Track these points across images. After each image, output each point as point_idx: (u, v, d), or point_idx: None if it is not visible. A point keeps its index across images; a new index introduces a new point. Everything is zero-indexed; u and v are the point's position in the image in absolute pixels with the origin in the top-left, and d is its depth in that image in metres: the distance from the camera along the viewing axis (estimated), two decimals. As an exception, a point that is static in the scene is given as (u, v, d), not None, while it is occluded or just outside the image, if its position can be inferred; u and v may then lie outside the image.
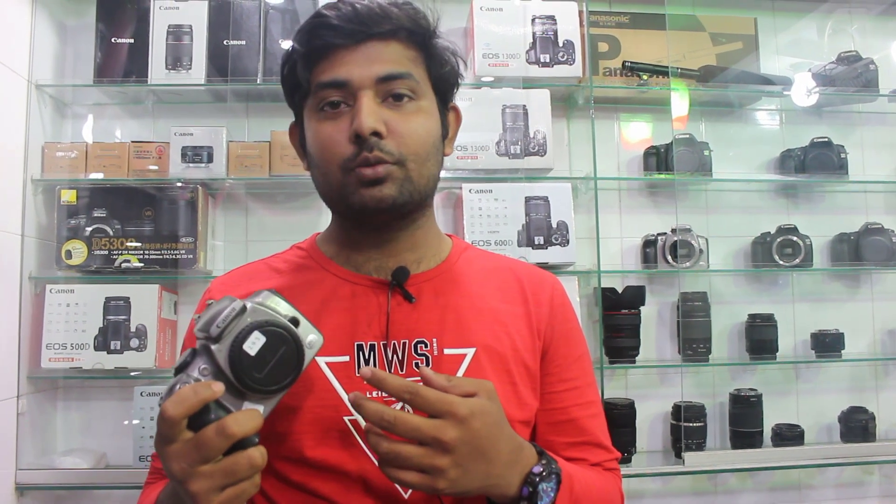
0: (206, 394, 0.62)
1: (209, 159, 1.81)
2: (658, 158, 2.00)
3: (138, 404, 1.73)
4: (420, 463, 0.65)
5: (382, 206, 0.80)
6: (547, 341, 0.90)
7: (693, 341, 1.91)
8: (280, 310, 0.67)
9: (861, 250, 2.00)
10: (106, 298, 1.74)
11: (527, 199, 1.84)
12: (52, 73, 1.87)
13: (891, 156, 2.16)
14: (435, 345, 0.83)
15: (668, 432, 1.96)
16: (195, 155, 1.81)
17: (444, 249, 0.92)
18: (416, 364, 0.82)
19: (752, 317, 1.98)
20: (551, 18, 1.92)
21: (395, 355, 0.82)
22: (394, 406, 0.72)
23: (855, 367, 2.07)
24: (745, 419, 1.89)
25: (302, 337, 0.67)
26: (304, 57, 0.82)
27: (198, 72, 1.83)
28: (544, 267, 1.59)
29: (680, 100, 2.00)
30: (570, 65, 1.91)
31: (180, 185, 1.80)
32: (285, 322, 0.66)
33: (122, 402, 1.82)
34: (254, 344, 0.64)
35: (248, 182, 1.87)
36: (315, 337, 0.68)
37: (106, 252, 1.77)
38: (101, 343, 1.72)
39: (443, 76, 0.87)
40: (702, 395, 1.98)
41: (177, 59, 1.83)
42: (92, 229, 1.77)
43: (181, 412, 0.61)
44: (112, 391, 1.86)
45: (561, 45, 1.91)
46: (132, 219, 1.79)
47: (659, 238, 1.96)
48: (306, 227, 1.95)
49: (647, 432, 1.99)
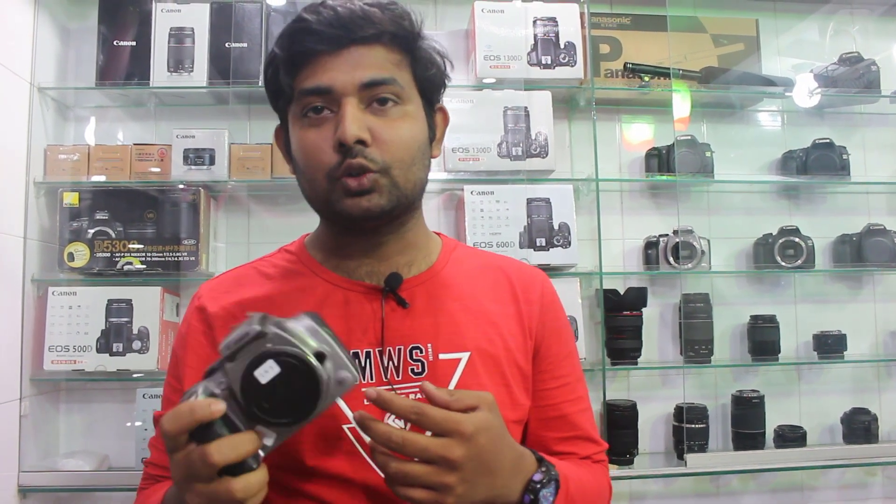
0: (201, 414, 0.60)
1: (211, 161, 1.81)
2: (660, 160, 2.00)
3: (140, 406, 1.73)
4: (428, 481, 0.66)
5: (370, 215, 0.79)
6: (538, 339, 0.90)
7: (695, 343, 1.91)
8: (308, 341, 0.62)
9: (863, 251, 2.00)
10: (108, 301, 1.74)
11: (528, 201, 1.84)
12: (54, 75, 1.87)
13: (893, 157, 2.16)
14: (430, 350, 0.83)
15: (670, 434, 1.96)
16: (197, 157, 1.81)
17: (433, 250, 0.92)
18: (413, 371, 0.82)
19: (754, 318, 1.98)
20: (553, 20, 1.92)
21: (390, 362, 0.82)
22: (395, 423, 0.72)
23: (857, 369, 2.07)
24: (747, 420, 1.89)
25: (325, 374, 0.62)
26: (286, 62, 0.81)
27: (199, 74, 1.83)
28: (546, 268, 1.59)
29: (681, 101, 2.00)
30: (572, 66, 1.91)
31: (182, 187, 1.81)
32: (306, 356, 0.61)
33: (125, 405, 1.82)
34: (266, 372, 0.61)
35: (250, 184, 1.88)
36: (347, 375, 0.63)
37: (108, 254, 1.78)
38: (104, 345, 1.73)
39: (428, 78, 0.85)
40: (704, 396, 1.98)
41: (178, 62, 1.83)
42: (94, 232, 1.78)
43: (175, 429, 0.60)
44: (114, 393, 1.86)
45: (562, 46, 1.91)
46: (134, 221, 1.80)
47: (661, 239, 1.96)
48: (308, 228, 1.92)
49: (649, 434, 1.99)
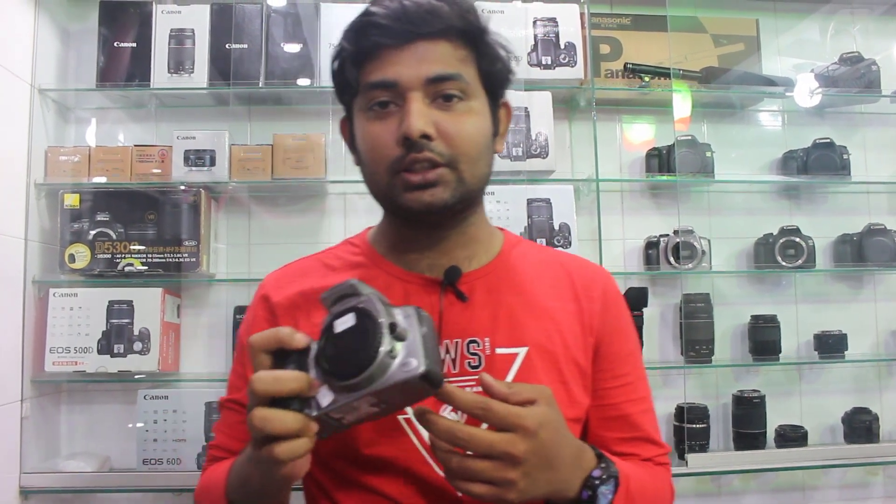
0: (283, 336, 0.64)
1: (212, 163, 1.81)
2: (660, 160, 2.00)
3: (142, 408, 1.74)
4: (490, 476, 0.65)
5: (432, 209, 0.79)
6: (599, 337, 0.89)
7: (696, 343, 1.91)
8: (394, 314, 0.63)
9: (864, 251, 2.00)
10: (109, 302, 1.75)
11: (529, 202, 1.84)
12: (55, 77, 1.88)
13: (893, 156, 2.16)
14: (487, 344, 0.83)
15: (671, 434, 1.96)
16: (198, 158, 1.81)
17: (495, 245, 0.92)
18: (469, 364, 0.82)
19: (755, 318, 1.98)
20: (553, 20, 1.92)
21: (447, 355, 0.83)
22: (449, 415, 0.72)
23: (858, 368, 2.07)
24: (748, 420, 1.89)
25: (388, 345, 0.61)
26: (353, 56, 0.81)
27: (200, 75, 1.84)
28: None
29: (682, 101, 2.00)
30: (572, 67, 1.91)
31: (183, 188, 1.81)
32: (378, 318, 0.62)
33: (126, 406, 1.82)
34: (343, 323, 0.63)
35: (251, 185, 1.88)
36: (414, 362, 0.61)
37: (109, 256, 1.78)
38: (105, 347, 1.73)
39: (493, 74, 0.85)
40: (705, 396, 1.98)
41: (179, 63, 1.84)
42: (95, 233, 1.78)
43: (258, 344, 0.65)
44: (116, 394, 1.86)
45: (562, 47, 1.91)
46: (135, 222, 1.80)
47: (661, 239, 1.96)
48: (309, 229, 1.96)
49: (651, 434, 1.99)
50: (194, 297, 1.93)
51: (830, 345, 1.97)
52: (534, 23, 1.91)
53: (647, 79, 1.98)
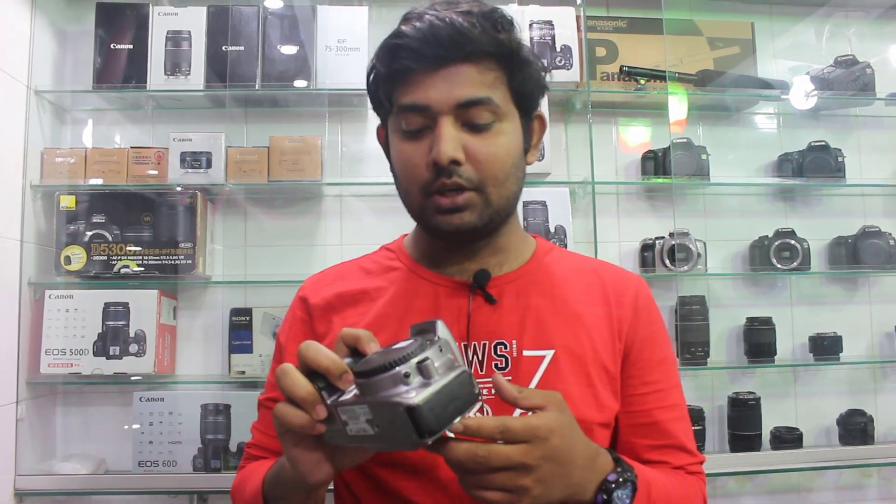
0: (317, 358, 0.64)
1: (208, 165, 1.82)
2: (656, 162, 2.01)
3: (137, 409, 1.74)
4: (503, 484, 0.66)
5: (462, 231, 0.82)
6: (629, 343, 0.89)
7: (691, 345, 1.92)
8: (442, 359, 0.62)
9: (859, 253, 2.01)
10: (105, 304, 1.75)
11: (525, 204, 1.85)
12: (51, 79, 1.88)
13: (888, 159, 2.17)
14: (514, 346, 0.84)
15: (666, 436, 1.97)
16: (194, 160, 1.82)
17: (527, 251, 0.93)
18: (496, 365, 0.84)
19: (751, 320, 1.99)
20: (549, 23, 1.92)
21: (475, 356, 0.84)
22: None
23: (853, 370, 2.08)
24: (743, 422, 1.90)
25: (406, 374, 0.60)
26: (385, 77, 0.83)
27: (196, 77, 1.84)
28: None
29: (678, 104, 2.00)
30: (568, 69, 1.92)
31: (179, 190, 1.81)
32: (420, 349, 0.61)
33: (122, 408, 1.82)
34: (401, 343, 0.64)
35: (247, 187, 1.88)
36: (412, 394, 0.59)
37: (105, 257, 1.78)
38: (101, 348, 1.73)
39: (526, 93, 0.85)
40: (700, 398, 1.99)
41: (176, 65, 1.84)
42: (91, 235, 1.78)
43: (302, 355, 0.65)
44: (111, 396, 1.86)
45: (559, 49, 1.92)
46: (131, 224, 1.80)
47: (657, 242, 1.96)
48: (305, 231, 1.96)
49: (646, 436, 1.99)
50: (190, 298, 1.93)
51: (825, 347, 1.97)
52: (530, 25, 1.92)
53: (642, 81, 1.98)
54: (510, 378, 0.83)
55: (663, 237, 1.96)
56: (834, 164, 2.02)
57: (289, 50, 1.87)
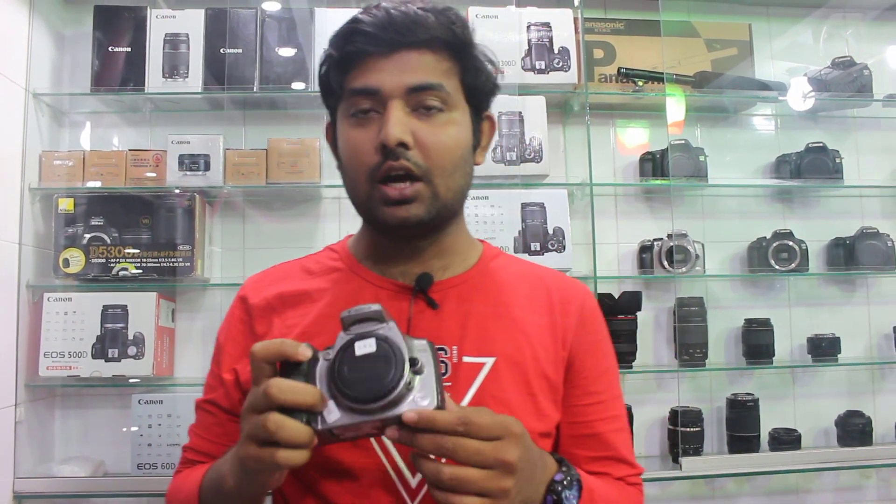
0: (287, 349, 0.65)
1: (206, 167, 1.82)
2: (654, 164, 2.01)
3: (136, 412, 1.73)
4: (485, 487, 0.63)
5: (407, 224, 0.80)
6: (573, 353, 0.88)
7: (690, 346, 1.92)
8: (414, 347, 0.65)
9: (857, 254, 2.01)
10: (103, 306, 1.75)
11: (523, 206, 1.85)
12: (49, 81, 1.88)
13: (886, 160, 2.17)
14: (455, 353, 0.83)
15: (665, 437, 1.97)
16: (192, 163, 1.82)
17: (472, 256, 0.92)
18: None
19: (749, 321, 1.99)
20: (546, 25, 1.93)
21: None
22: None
23: (851, 371, 2.08)
24: (742, 424, 1.90)
25: (407, 378, 0.63)
26: (338, 62, 0.83)
27: (194, 80, 1.84)
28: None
29: (675, 105, 2.01)
30: (566, 71, 1.92)
31: (178, 192, 1.81)
32: (403, 352, 0.64)
33: (120, 410, 1.83)
34: (363, 347, 0.64)
35: (246, 189, 1.88)
36: (427, 398, 0.63)
37: (103, 260, 1.78)
38: (99, 351, 1.73)
39: (476, 87, 0.85)
40: (699, 399, 1.99)
41: (174, 68, 1.84)
42: (89, 237, 1.78)
43: (262, 354, 0.66)
44: (110, 399, 1.86)
45: (556, 51, 1.92)
46: (130, 227, 1.80)
47: (655, 243, 1.97)
48: (303, 234, 1.97)
49: (645, 437, 1.99)
50: (189, 301, 1.93)
51: (824, 348, 1.97)
52: (528, 27, 1.92)
53: (640, 83, 1.98)
54: (449, 384, 0.81)
55: (661, 238, 1.96)
56: (832, 166, 2.02)
57: (286, 52, 1.88)
